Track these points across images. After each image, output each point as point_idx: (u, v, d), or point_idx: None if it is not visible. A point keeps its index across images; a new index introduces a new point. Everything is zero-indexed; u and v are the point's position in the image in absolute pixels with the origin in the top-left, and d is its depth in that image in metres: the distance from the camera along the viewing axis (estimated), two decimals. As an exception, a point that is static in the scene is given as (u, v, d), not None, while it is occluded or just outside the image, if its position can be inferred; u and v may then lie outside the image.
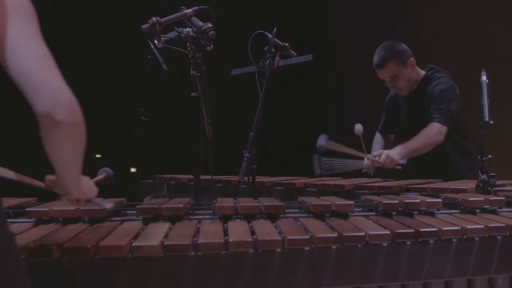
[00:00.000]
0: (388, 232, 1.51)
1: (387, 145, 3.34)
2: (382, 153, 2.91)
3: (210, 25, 2.03)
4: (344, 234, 1.49)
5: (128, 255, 1.42)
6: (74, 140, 1.23)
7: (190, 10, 2.09)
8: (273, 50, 2.65)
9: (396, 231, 1.52)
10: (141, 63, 3.47)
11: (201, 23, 2.06)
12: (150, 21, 2.01)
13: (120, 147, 5.16)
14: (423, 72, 3.20)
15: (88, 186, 1.52)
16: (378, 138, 3.41)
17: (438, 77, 3.11)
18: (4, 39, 1.18)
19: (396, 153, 2.90)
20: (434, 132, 2.95)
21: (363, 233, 1.50)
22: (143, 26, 2.02)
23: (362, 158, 2.89)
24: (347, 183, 2.64)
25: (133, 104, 3.71)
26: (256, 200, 1.90)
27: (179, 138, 4.20)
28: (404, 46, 3.16)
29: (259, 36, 2.71)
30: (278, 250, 1.48)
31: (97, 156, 6.29)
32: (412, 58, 3.14)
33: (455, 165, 3.05)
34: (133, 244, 1.41)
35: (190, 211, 1.88)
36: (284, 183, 2.87)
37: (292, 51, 2.71)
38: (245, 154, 2.50)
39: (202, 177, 2.47)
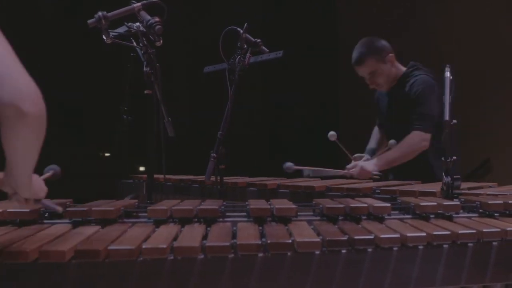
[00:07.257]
0: (318, 239, 1.40)
1: (384, 139, 3.26)
2: (356, 165, 2.89)
3: (157, 19, 1.95)
4: (269, 241, 1.39)
5: (37, 261, 1.34)
6: (36, 133, 1.21)
7: (138, 4, 2.01)
8: (245, 46, 2.57)
9: (327, 238, 1.41)
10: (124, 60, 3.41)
11: (149, 17, 1.97)
12: (96, 15, 1.94)
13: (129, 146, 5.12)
14: (403, 69, 3.07)
15: (38, 185, 1.49)
16: (375, 132, 3.34)
17: (416, 74, 2.99)
18: None
19: (372, 165, 2.85)
20: (416, 141, 2.88)
21: (290, 240, 1.39)
22: (89, 21, 1.95)
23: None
24: (318, 185, 2.53)
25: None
26: (202, 202, 1.81)
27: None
28: (383, 42, 3.05)
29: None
30: (200, 257, 1.38)
31: (106, 154, 6.29)
32: (391, 54, 3.02)
33: (435, 167, 2.90)
34: (41, 250, 1.34)
35: (134, 214, 1.81)
36: (256, 184, 2.77)
37: (264, 48, 2.61)
38: (212, 154, 2.42)
39: (184, 177, 2.40)
